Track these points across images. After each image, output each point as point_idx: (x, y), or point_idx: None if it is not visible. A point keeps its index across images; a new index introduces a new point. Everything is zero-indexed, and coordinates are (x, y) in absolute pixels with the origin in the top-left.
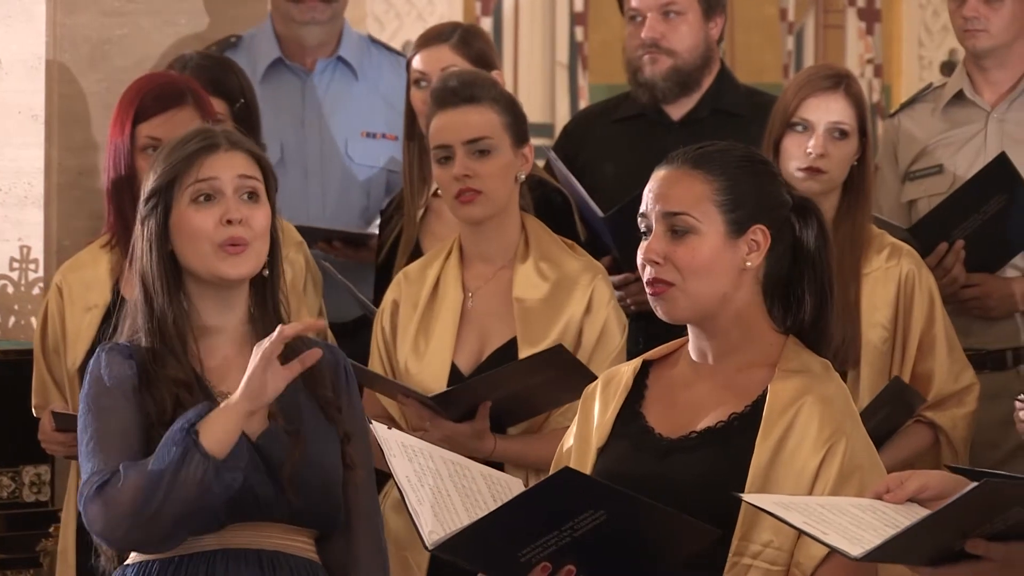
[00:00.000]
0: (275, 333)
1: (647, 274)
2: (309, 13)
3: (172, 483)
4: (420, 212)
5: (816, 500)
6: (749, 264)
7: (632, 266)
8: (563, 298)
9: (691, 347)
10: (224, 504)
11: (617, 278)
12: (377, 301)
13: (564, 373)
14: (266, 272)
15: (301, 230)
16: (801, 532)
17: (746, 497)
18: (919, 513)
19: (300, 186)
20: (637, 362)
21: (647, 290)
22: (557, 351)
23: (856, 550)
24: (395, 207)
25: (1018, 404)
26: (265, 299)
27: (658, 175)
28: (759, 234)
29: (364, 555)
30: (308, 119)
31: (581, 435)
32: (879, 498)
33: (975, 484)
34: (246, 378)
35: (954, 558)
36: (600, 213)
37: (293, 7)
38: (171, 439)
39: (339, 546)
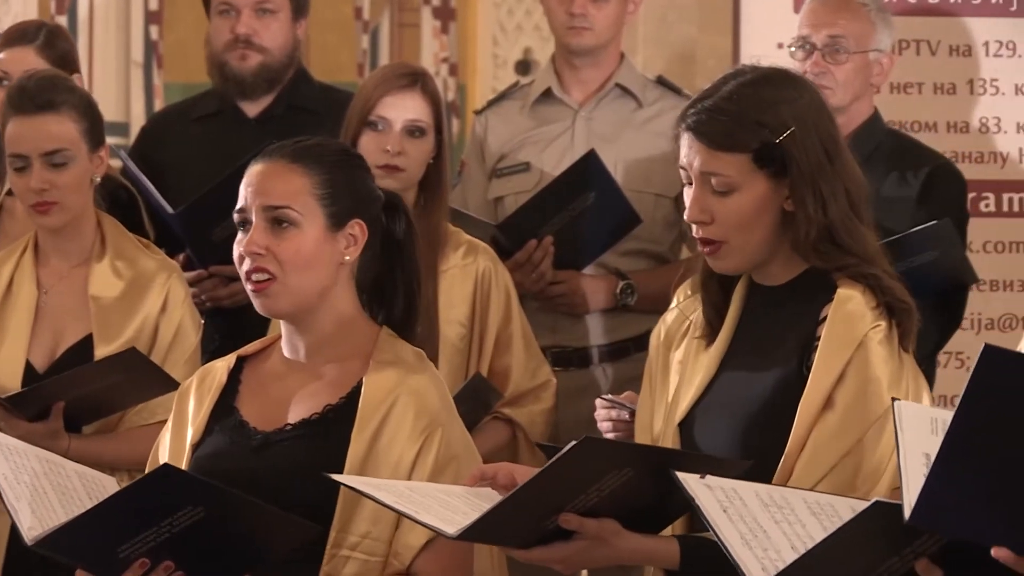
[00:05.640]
0: None
1: (247, 266)
2: None
3: None
4: None
5: (404, 484)
6: (348, 258)
7: (204, 262)
8: (138, 296)
9: (284, 343)
10: None
11: (191, 275)
12: None
13: (138, 374)
14: None
15: None
16: (394, 511)
17: (336, 476)
18: None
19: None
20: (231, 358)
21: (247, 285)
22: (131, 353)
23: (451, 529)
24: None
25: (599, 403)
26: None
27: (255, 170)
28: (357, 228)
29: None
30: None
31: (176, 432)
32: (475, 485)
33: (574, 442)
34: None
35: (549, 539)
36: (170, 210)
37: None
38: None
39: None
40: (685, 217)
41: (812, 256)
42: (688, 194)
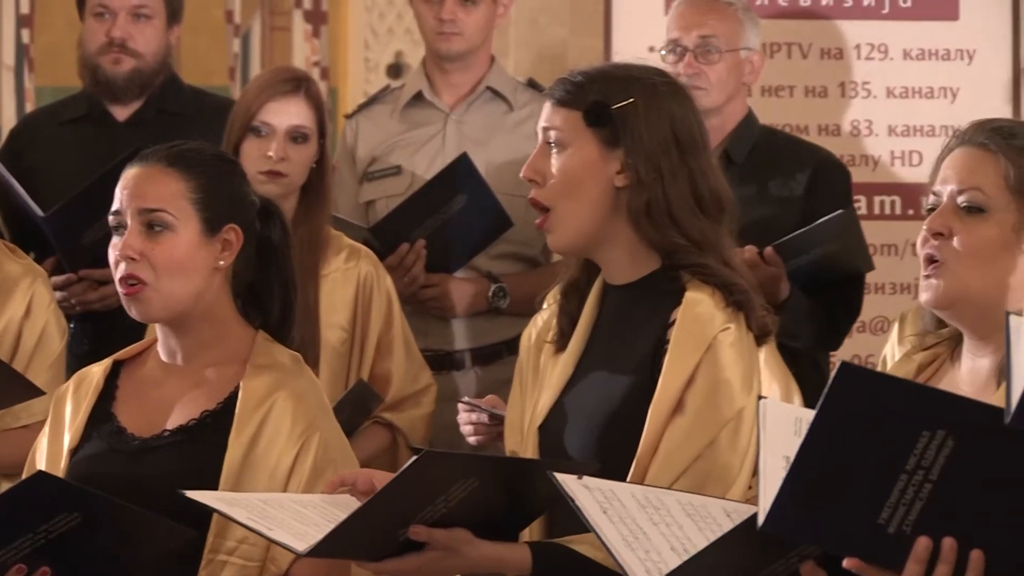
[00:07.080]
0: None
1: (121, 271)
2: None
3: None
4: None
5: (259, 496)
6: (222, 263)
7: (74, 266)
8: (1, 301)
9: (160, 347)
10: None
11: (59, 279)
12: None
13: None
14: None
15: None
16: (247, 528)
17: (189, 493)
18: None
19: None
20: (107, 362)
21: (120, 289)
22: None
23: (301, 546)
24: None
25: (460, 406)
26: None
27: (131, 173)
28: (232, 233)
29: None
30: None
31: (53, 437)
32: (335, 491)
33: (415, 458)
34: None
35: (404, 551)
36: (40, 213)
37: None
38: None
39: None
40: (520, 174)
41: (644, 222)
42: None
